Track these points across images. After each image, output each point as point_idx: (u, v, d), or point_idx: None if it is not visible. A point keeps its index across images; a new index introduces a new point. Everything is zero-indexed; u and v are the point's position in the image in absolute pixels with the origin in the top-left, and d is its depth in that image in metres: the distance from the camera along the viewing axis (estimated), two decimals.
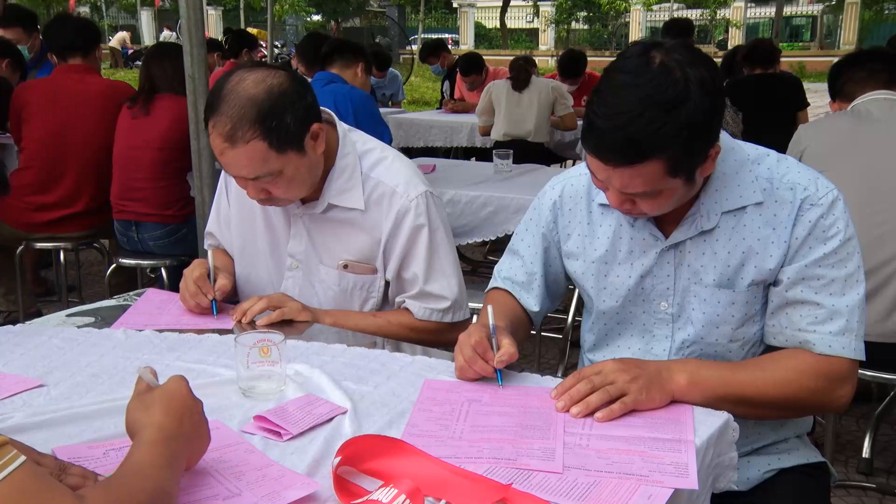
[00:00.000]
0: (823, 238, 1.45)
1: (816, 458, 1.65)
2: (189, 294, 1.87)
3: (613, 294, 1.61)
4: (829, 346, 1.44)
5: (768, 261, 1.48)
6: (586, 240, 1.65)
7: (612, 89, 1.36)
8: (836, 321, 1.44)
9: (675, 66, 1.33)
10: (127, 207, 3.65)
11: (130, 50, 24.95)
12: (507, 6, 31.20)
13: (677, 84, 1.32)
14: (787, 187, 1.48)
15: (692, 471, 1.18)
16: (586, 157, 1.43)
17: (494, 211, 3.64)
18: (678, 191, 1.42)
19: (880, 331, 2.53)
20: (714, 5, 32.19)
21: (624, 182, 1.39)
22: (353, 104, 3.47)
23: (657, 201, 1.42)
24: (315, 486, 1.12)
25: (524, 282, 1.74)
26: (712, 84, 1.35)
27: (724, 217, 1.50)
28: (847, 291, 1.45)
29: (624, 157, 1.35)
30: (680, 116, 1.31)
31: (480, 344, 1.46)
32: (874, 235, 2.55)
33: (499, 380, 1.46)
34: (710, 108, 1.35)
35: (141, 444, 1.05)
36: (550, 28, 34.91)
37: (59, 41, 3.90)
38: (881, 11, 30.65)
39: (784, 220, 1.47)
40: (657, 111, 1.31)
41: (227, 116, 1.66)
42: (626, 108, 1.32)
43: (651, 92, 1.31)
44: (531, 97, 5.86)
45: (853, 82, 2.90)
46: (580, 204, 1.67)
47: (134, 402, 1.14)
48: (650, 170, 1.35)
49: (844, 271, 1.45)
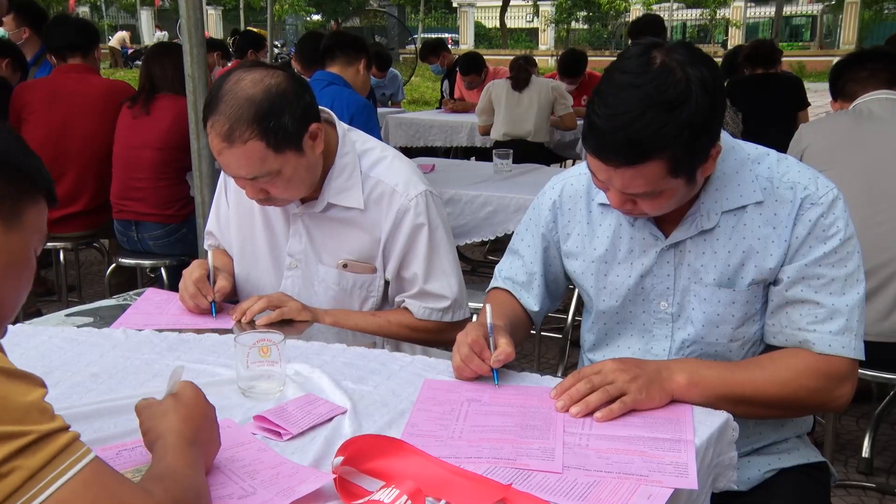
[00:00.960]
0: (823, 237, 1.45)
1: (816, 457, 1.64)
2: (188, 295, 1.87)
3: (613, 294, 1.61)
4: (829, 345, 1.44)
5: (768, 260, 1.48)
6: (586, 239, 1.65)
7: (612, 90, 1.35)
8: (836, 320, 1.44)
9: (676, 66, 1.33)
10: (127, 207, 3.65)
11: (130, 50, 24.93)
12: (507, 6, 31.19)
13: (678, 84, 1.31)
14: (788, 186, 1.48)
15: (692, 471, 1.18)
16: (587, 157, 1.43)
17: (494, 210, 3.64)
18: (679, 191, 1.42)
19: (880, 330, 2.53)
20: (714, 5, 32.18)
21: (625, 182, 1.38)
22: (349, 112, 3.44)
23: (658, 201, 1.42)
24: (326, 478, 1.13)
25: (524, 282, 1.75)
26: (713, 83, 1.35)
27: (724, 216, 1.50)
28: (847, 291, 1.44)
29: (625, 157, 1.34)
30: (681, 116, 1.31)
31: (477, 343, 1.46)
32: (874, 235, 2.55)
33: (495, 379, 1.46)
34: (711, 108, 1.34)
35: (167, 451, 1.05)
36: (550, 28, 34.89)
37: (59, 41, 3.90)
38: (881, 11, 30.65)
39: (784, 220, 1.47)
40: (658, 111, 1.31)
41: (225, 116, 1.66)
42: (627, 108, 1.32)
43: (652, 92, 1.31)
44: (531, 97, 5.86)
45: (854, 82, 2.90)
46: (580, 203, 1.67)
47: (148, 411, 1.14)
48: (651, 170, 1.35)
49: (844, 270, 1.45)
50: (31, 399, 0.87)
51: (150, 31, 29.88)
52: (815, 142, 2.81)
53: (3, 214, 0.99)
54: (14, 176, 1.02)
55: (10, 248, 1.01)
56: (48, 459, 0.84)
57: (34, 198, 1.05)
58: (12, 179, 1.01)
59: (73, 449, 0.87)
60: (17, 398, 0.85)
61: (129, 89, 3.89)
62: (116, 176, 3.68)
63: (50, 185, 1.08)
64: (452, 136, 6.62)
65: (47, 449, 0.85)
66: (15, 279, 1.03)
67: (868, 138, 2.71)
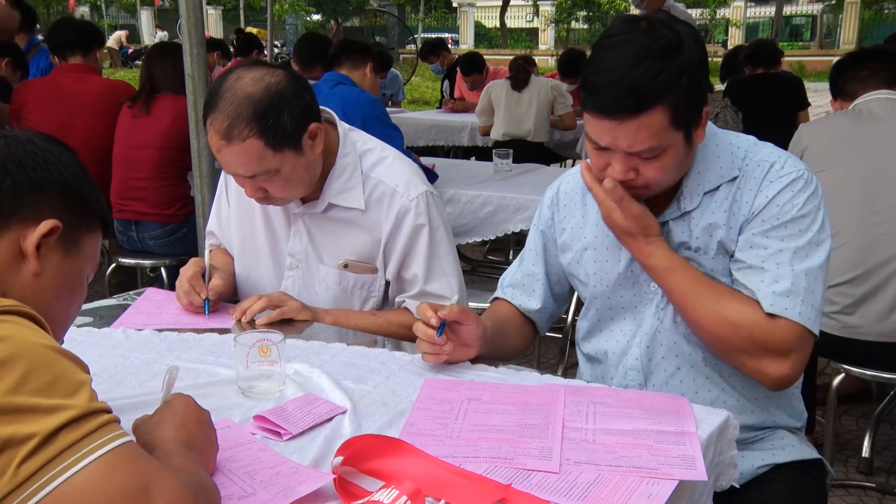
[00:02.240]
0: (778, 212, 1.47)
1: (812, 454, 1.64)
2: (183, 292, 1.87)
3: (604, 279, 1.64)
4: (771, 304, 1.43)
5: (730, 232, 1.51)
6: (578, 230, 1.68)
7: (605, 51, 1.41)
8: (780, 283, 1.44)
9: (662, 24, 1.40)
10: (127, 207, 3.64)
11: (130, 49, 24.92)
12: (507, 5, 31.17)
13: (668, 35, 1.38)
14: (757, 164, 1.52)
15: (699, 462, 1.19)
16: (587, 128, 1.45)
17: (494, 210, 3.65)
18: (679, 151, 1.44)
19: (880, 330, 2.53)
20: (714, 5, 32.16)
21: (630, 138, 1.39)
22: (361, 110, 3.44)
23: (661, 162, 1.43)
24: (326, 478, 1.13)
25: (524, 283, 1.77)
26: (698, 38, 1.42)
27: (704, 197, 1.53)
28: (795, 262, 1.45)
29: (628, 107, 1.37)
30: (676, 61, 1.37)
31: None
32: (874, 235, 2.55)
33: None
34: (701, 57, 1.41)
35: (170, 457, 1.05)
36: (550, 27, 34.89)
37: (60, 39, 3.90)
38: (881, 11, 30.65)
39: (746, 195, 1.50)
40: (654, 59, 1.36)
41: (224, 114, 1.67)
42: (624, 60, 1.37)
43: (646, 42, 1.37)
44: (531, 97, 5.86)
45: (854, 81, 2.90)
46: (575, 199, 1.71)
47: (142, 427, 1.15)
48: (655, 119, 1.37)
49: (794, 244, 1.46)
50: (81, 378, 0.92)
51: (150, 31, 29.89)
52: (815, 141, 2.81)
53: (63, 241, 1.07)
54: (77, 205, 1.09)
55: (67, 272, 1.09)
56: (88, 433, 0.87)
57: (91, 227, 1.13)
58: (75, 208, 1.09)
59: (113, 428, 0.90)
60: (72, 375, 0.91)
61: (129, 89, 3.89)
62: (116, 176, 3.67)
63: (107, 216, 1.16)
64: (453, 136, 6.63)
65: (89, 425, 0.88)
66: (67, 301, 1.12)
67: (868, 138, 2.71)
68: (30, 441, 0.84)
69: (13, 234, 1.04)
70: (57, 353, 0.91)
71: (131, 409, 1.32)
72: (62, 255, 1.08)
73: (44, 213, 1.05)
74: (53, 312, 1.05)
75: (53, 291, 1.07)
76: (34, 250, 1.04)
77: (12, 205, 1.03)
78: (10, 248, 1.03)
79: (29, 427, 0.84)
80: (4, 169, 1.03)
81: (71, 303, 1.13)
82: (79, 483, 0.85)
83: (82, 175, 1.11)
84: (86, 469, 0.85)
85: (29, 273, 1.04)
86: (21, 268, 1.04)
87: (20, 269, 1.04)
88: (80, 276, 1.13)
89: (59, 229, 1.06)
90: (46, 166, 1.07)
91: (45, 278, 1.06)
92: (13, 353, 0.87)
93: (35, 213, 1.04)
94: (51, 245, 1.06)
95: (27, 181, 1.05)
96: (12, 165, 1.04)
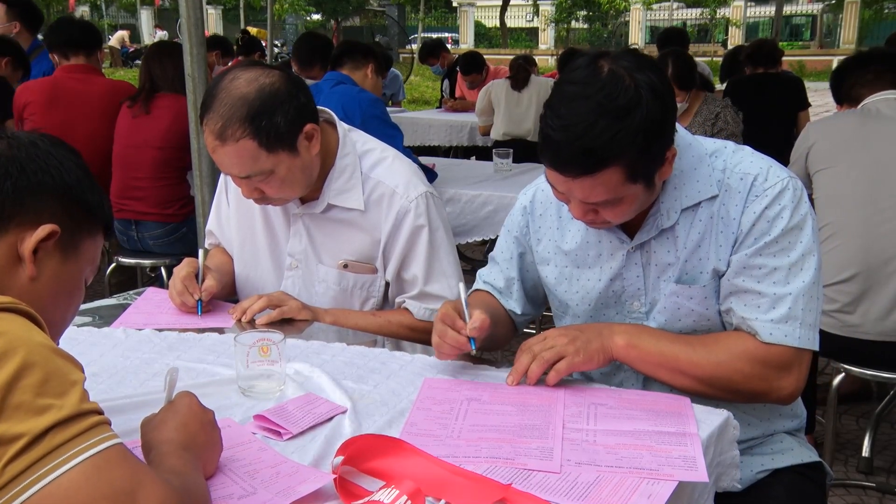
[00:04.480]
0: (767, 228, 1.45)
1: (812, 457, 1.63)
2: (175, 292, 1.87)
3: (585, 298, 1.63)
4: (771, 333, 1.43)
5: (720, 252, 1.49)
6: (556, 245, 1.66)
7: (564, 101, 1.37)
8: (778, 309, 1.43)
9: (624, 73, 1.34)
10: (127, 206, 3.64)
11: (130, 49, 24.93)
12: (507, 5, 31.16)
13: (628, 90, 1.33)
14: (739, 177, 1.49)
15: (700, 463, 1.19)
16: (545, 170, 1.44)
17: (494, 210, 3.65)
18: (639, 196, 1.43)
19: (880, 330, 2.53)
20: (714, 4, 32.16)
21: (585, 192, 1.39)
22: (360, 108, 3.45)
23: (619, 209, 1.43)
24: (326, 478, 1.13)
25: (503, 287, 1.76)
26: (662, 87, 1.37)
27: (683, 213, 1.51)
28: (791, 279, 1.44)
29: (582, 167, 1.35)
30: (634, 121, 1.32)
31: (448, 316, 1.49)
32: (877, 234, 2.55)
33: (472, 346, 1.48)
34: (663, 111, 1.36)
35: (163, 457, 1.06)
36: (550, 27, 34.88)
37: (62, 39, 3.89)
38: (881, 10, 30.63)
39: (733, 211, 1.48)
40: (610, 119, 1.32)
41: (219, 114, 1.67)
42: (580, 118, 1.33)
43: (603, 101, 1.32)
44: (530, 96, 5.86)
45: (860, 85, 2.89)
46: (550, 209, 1.68)
47: (146, 426, 1.15)
48: (609, 177, 1.36)
49: (787, 260, 1.44)
50: (74, 378, 0.91)
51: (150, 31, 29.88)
52: (821, 140, 2.81)
53: (61, 245, 1.07)
54: (78, 209, 1.09)
55: (64, 276, 1.09)
56: (76, 434, 0.87)
57: (92, 230, 1.13)
58: (75, 212, 1.09)
59: (103, 430, 0.90)
60: (65, 374, 0.91)
61: (130, 89, 3.88)
62: (116, 175, 3.67)
63: (109, 219, 1.16)
64: (453, 136, 6.63)
65: (78, 426, 0.88)
66: (65, 305, 1.12)
67: (874, 137, 2.71)
68: (18, 441, 0.84)
69: (11, 237, 1.03)
70: (51, 352, 0.91)
71: (131, 408, 1.32)
72: (60, 259, 1.07)
73: (43, 217, 1.05)
74: (50, 315, 1.05)
75: (50, 295, 1.07)
76: (31, 254, 1.04)
77: (11, 208, 1.03)
78: (8, 251, 1.03)
79: (18, 426, 0.84)
80: (5, 172, 1.03)
81: (68, 306, 1.13)
82: (64, 484, 0.85)
83: (85, 179, 1.11)
84: (72, 471, 0.85)
85: (25, 277, 1.04)
86: (18, 271, 1.04)
87: (17, 272, 1.04)
88: (78, 279, 1.12)
89: (58, 234, 1.05)
90: (48, 170, 1.06)
91: (41, 282, 1.06)
92: (8, 349, 0.87)
93: (34, 217, 1.04)
94: (48, 249, 1.06)
95: (28, 185, 1.04)
96: (14, 168, 1.04)
